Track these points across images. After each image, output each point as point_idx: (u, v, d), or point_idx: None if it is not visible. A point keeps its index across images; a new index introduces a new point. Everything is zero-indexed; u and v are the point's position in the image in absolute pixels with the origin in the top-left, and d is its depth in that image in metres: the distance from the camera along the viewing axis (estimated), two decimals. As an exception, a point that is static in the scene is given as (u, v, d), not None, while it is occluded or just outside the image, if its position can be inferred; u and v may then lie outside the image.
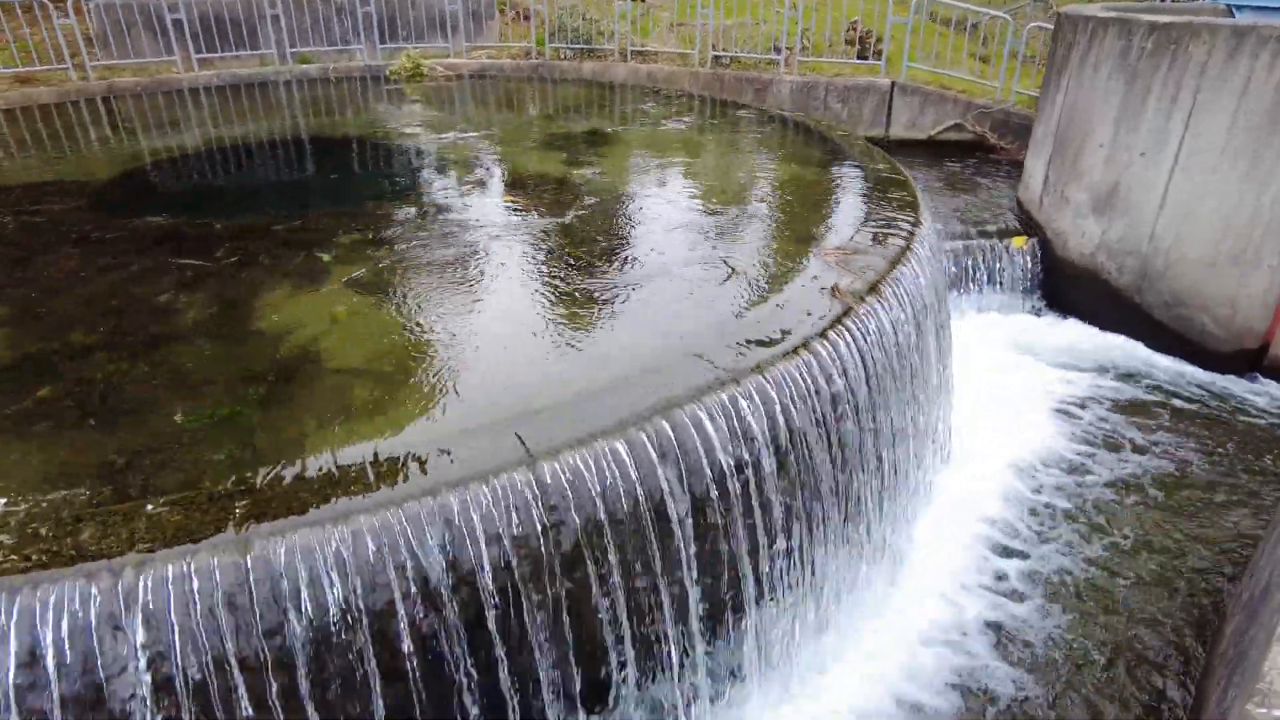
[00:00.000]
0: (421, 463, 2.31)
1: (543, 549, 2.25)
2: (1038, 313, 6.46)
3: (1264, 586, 2.97)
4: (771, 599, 2.89)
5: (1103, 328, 6.14)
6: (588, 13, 10.61)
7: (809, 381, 2.81)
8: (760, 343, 2.95)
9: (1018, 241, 6.43)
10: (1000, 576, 3.84)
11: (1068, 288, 6.34)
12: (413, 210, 4.77)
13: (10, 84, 8.90)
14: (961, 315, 6.16)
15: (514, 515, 2.19)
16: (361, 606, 2.03)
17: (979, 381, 5.19)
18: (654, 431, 2.43)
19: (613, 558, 2.38)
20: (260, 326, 3.44)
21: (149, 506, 2.13)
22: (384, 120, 7.66)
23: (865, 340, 3.13)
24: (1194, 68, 5.13)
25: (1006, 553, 3.99)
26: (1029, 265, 6.43)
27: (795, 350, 2.89)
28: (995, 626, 3.57)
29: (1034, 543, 4.07)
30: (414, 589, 2.08)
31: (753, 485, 2.64)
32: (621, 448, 2.38)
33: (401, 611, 2.06)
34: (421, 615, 2.10)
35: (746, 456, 2.59)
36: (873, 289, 3.40)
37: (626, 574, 2.42)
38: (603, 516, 2.33)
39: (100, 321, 3.44)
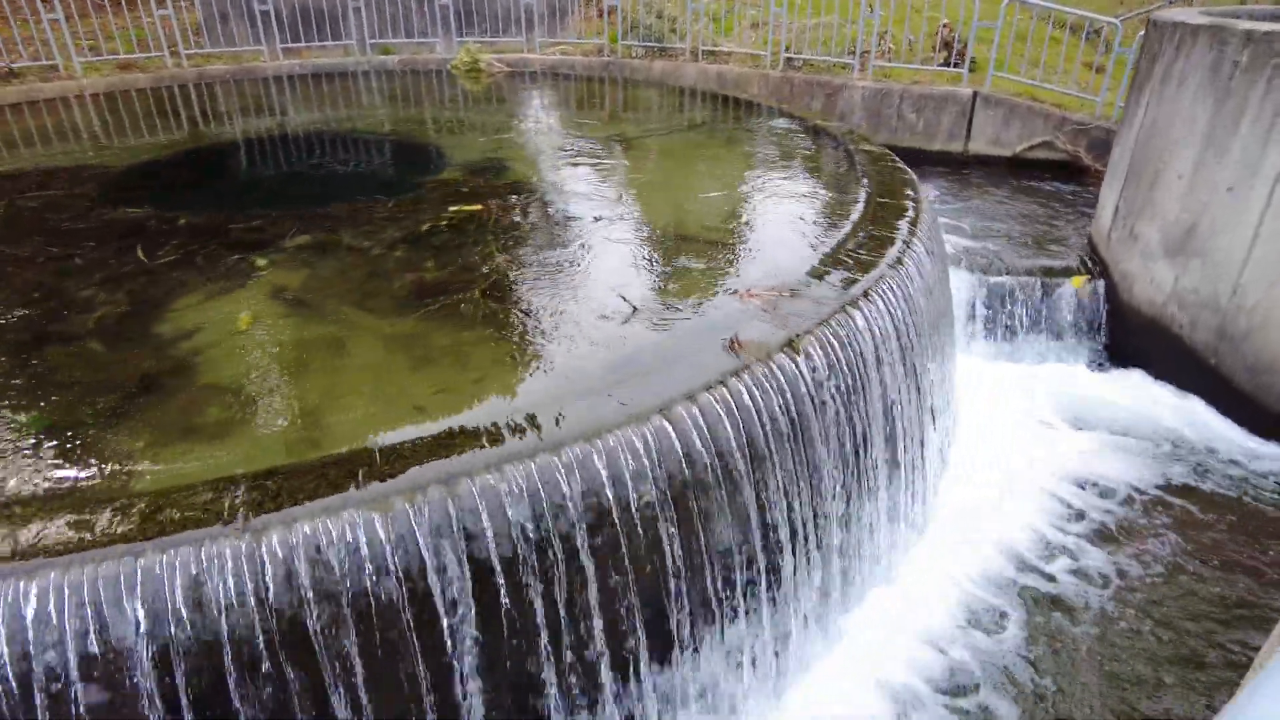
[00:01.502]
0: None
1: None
2: (1097, 365, 5.59)
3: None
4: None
5: (1174, 385, 5.22)
6: (664, 9, 10.24)
7: (647, 458, 2.40)
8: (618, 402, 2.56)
9: (1075, 282, 5.59)
10: None
11: (1132, 339, 5.45)
12: (371, 215, 4.61)
13: (113, 70, 9.52)
14: (994, 362, 5.42)
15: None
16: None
17: (992, 455, 4.51)
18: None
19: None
20: (159, 331, 3.36)
21: None
22: (416, 116, 7.62)
23: (759, 408, 2.66)
24: (1295, 89, 4.22)
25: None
26: (1089, 310, 5.58)
27: (642, 417, 2.47)
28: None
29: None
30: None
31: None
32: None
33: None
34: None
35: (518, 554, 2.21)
36: (790, 344, 2.91)
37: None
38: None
39: (4, 313, 3.45)
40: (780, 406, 2.73)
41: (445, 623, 2.16)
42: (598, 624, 2.39)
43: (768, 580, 2.81)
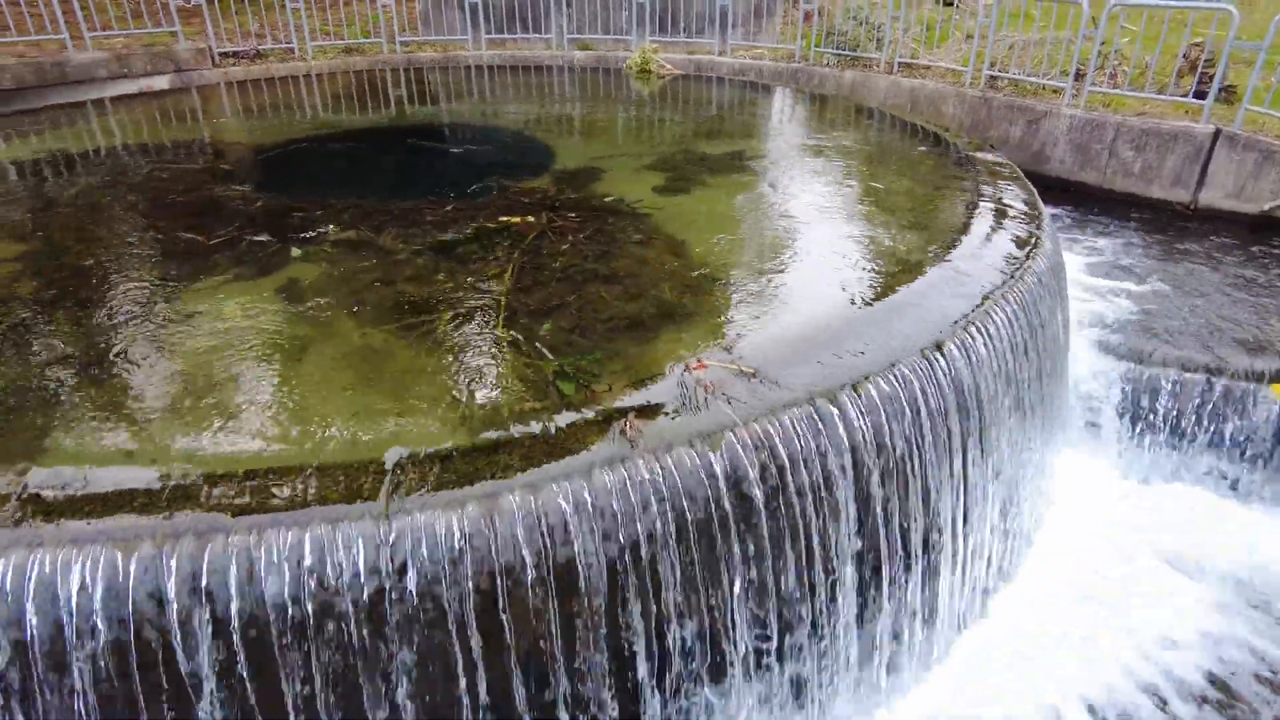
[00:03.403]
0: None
1: None
2: None
3: None
4: None
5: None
6: (869, 15, 9.38)
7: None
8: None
9: (1278, 390, 4.26)
10: None
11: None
12: (424, 215, 4.56)
13: (338, 54, 10.54)
14: (1124, 478, 4.28)
15: None
16: None
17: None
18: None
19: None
20: (154, 310, 3.49)
21: None
22: (559, 115, 7.58)
23: (619, 508, 2.20)
24: None
25: None
26: (1291, 430, 4.23)
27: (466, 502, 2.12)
28: None
29: None
30: None
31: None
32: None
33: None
34: None
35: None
36: (707, 438, 2.39)
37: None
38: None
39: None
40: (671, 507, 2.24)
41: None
42: None
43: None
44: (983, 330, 3.05)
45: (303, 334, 3.21)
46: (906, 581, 2.87)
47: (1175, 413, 4.32)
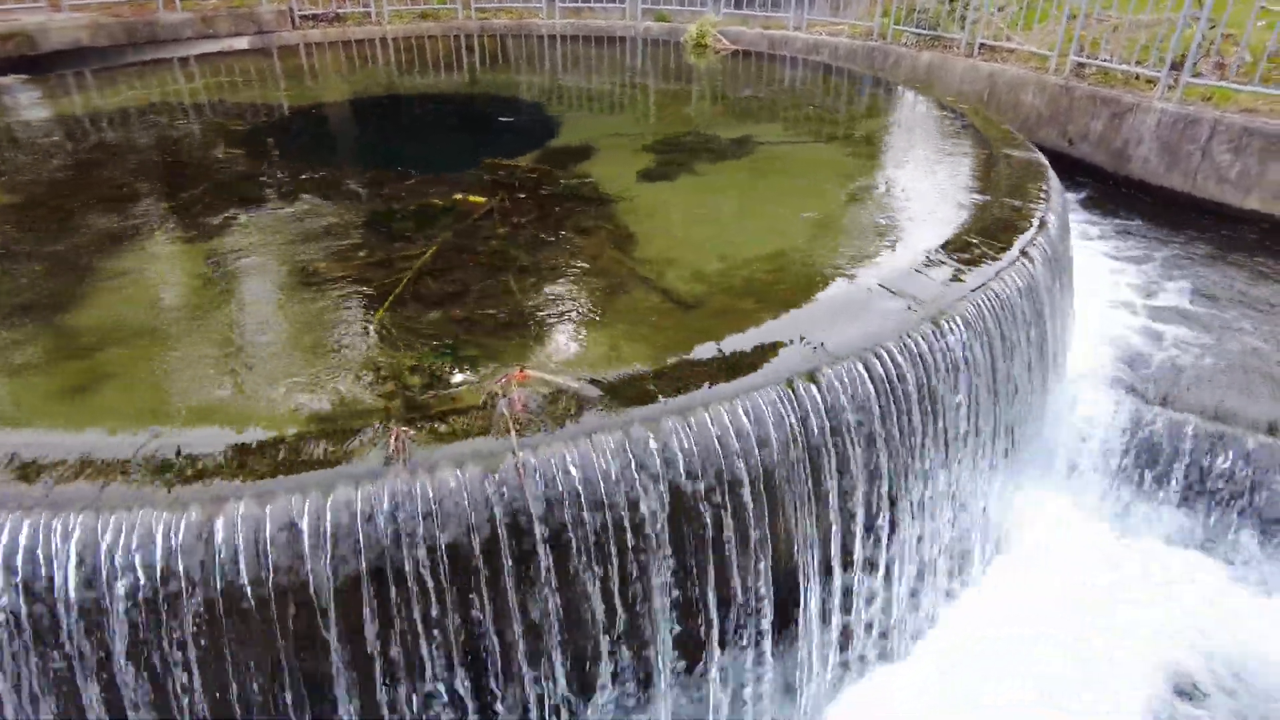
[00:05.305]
0: None
1: None
2: None
3: None
4: None
5: None
6: (959, -10, 8.55)
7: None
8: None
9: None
10: None
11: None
12: (389, 186, 4.47)
13: (413, 18, 10.66)
14: (1120, 537, 3.68)
15: None
16: None
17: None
18: None
19: None
20: (80, 262, 3.55)
21: None
22: (589, 89, 7.33)
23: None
24: None
25: None
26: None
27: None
28: None
29: None
30: None
31: None
32: None
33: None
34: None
35: None
36: (487, 459, 2.16)
37: None
38: None
39: None
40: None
41: None
42: None
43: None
44: (880, 358, 2.64)
45: (187, 302, 3.17)
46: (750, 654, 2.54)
47: (1242, 489, 3.64)
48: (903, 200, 4.30)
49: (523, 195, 4.33)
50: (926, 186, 4.50)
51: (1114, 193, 6.60)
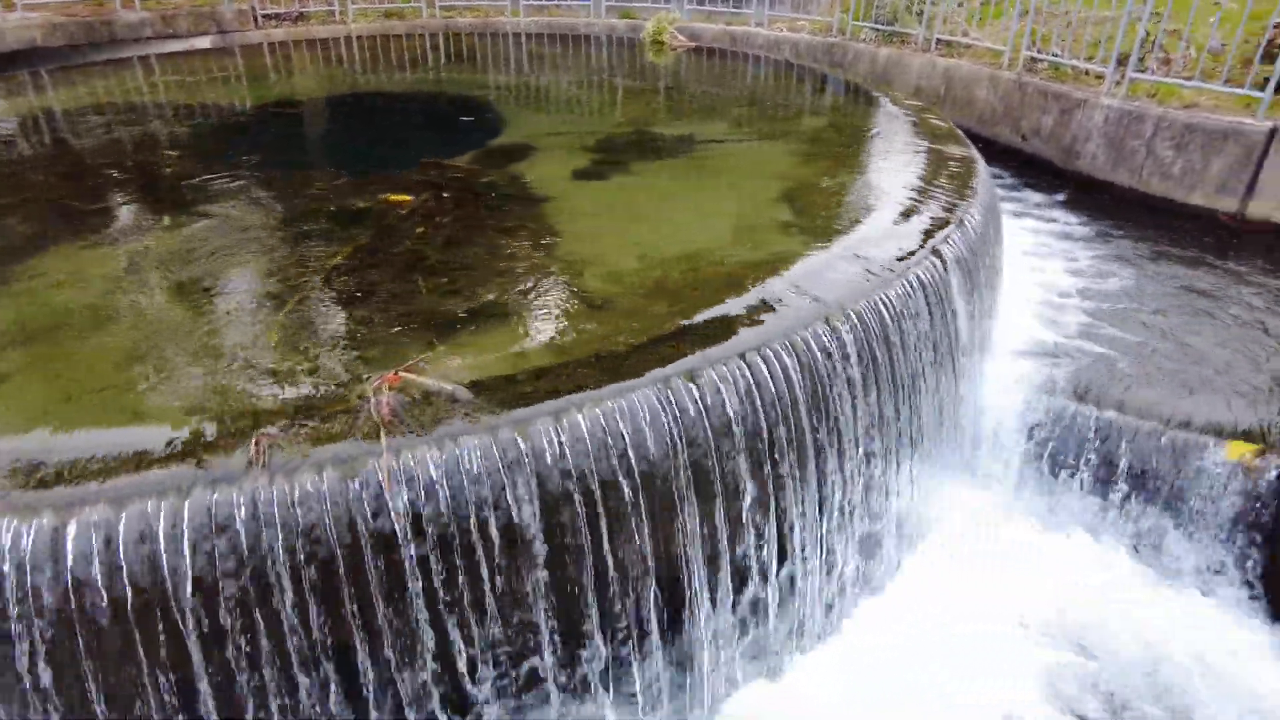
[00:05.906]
0: None
1: None
2: (1254, 610, 3.53)
3: None
4: None
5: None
6: (916, -14, 8.55)
7: None
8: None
9: (1234, 451, 3.56)
10: None
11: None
12: (316, 188, 4.46)
13: (377, 17, 10.63)
14: (1041, 532, 3.70)
15: None
16: None
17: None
18: None
19: None
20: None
21: None
22: (542, 88, 7.31)
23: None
24: None
25: None
26: (1247, 504, 3.54)
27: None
28: None
29: None
30: None
31: None
32: None
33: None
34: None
35: None
36: (347, 463, 2.16)
37: None
38: None
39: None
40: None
41: None
42: None
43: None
44: (767, 359, 2.64)
45: (88, 304, 3.15)
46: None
47: (1142, 482, 3.67)
48: (833, 199, 4.30)
49: (447, 195, 4.32)
50: (858, 185, 4.51)
51: (1062, 189, 6.61)
